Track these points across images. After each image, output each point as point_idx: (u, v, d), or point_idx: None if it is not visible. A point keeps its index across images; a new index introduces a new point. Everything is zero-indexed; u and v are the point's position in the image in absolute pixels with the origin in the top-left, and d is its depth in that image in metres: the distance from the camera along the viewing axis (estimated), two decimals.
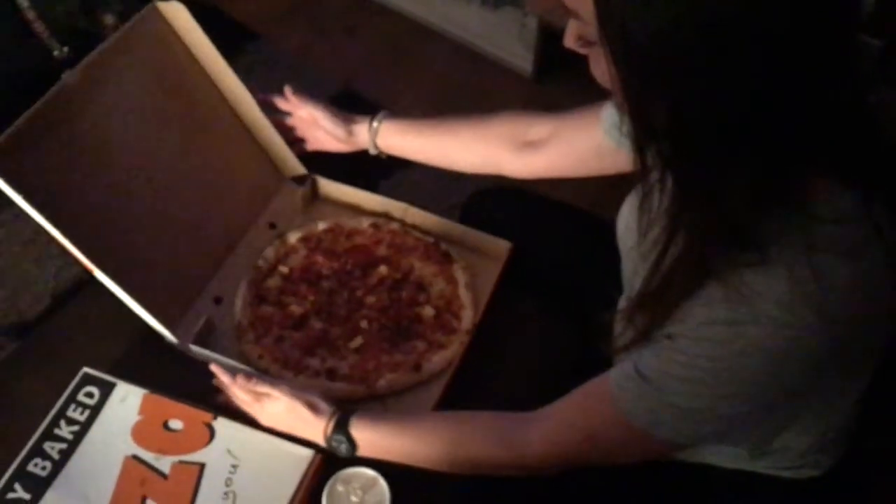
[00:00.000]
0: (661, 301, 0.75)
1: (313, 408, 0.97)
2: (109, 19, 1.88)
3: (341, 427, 0.96)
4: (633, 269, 0.89)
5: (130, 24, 1.15)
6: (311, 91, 2.27)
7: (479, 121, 1.19)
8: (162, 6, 1.17)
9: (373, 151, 1.22)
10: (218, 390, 1.04)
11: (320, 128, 1.23)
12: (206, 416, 1.03)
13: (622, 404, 0.82)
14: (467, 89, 2.46)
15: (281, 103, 1.25)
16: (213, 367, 1.03)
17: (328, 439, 0.97)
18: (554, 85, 2.41)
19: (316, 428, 0.97)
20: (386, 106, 2.30)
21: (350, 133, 1.22)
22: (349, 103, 2.33)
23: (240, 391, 1.00)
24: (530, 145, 1.14)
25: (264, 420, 1.01)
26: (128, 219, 1.12)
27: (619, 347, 0.82)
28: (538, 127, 1.14)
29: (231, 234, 1.23)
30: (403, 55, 2.55)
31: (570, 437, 0.89)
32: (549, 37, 2.32)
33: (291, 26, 2.59)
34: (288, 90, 1.24)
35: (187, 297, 1.16)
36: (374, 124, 1.21)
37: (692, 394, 0.76)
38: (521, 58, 2.46)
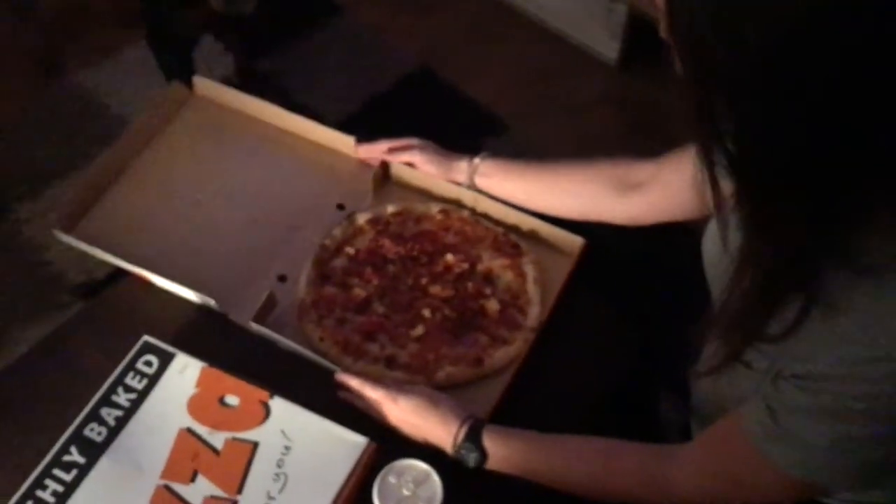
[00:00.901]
0: (751, 324, 0.71)
1: (446, 411, 0.95)
2: None
3: (473, 436, 0.94)
4: (721, 287, 0.85)
5: (163, 95, 1.32)
6: (387, 67, 2.26)
7: (580, 164, 1.16)
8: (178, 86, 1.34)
9: (471, 190, 1.20)
10: (340, 387, 1.02)
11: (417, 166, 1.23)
12: (263, 394, 1.02)
13: (762, 447, 0.78)
14: (546, 73, 2.40)
15: (382, 154, 1.24)
16: (341, 377, 1.01)
17: (457, 447, 0.95)
18: (638, 75, 2.34)
19: (446, 432, 0.95)
20: (462, 86, 2.31)
21: (448, 171, 1.21)
22: (424, 82, 2.34)
23: (373, 388, 0.98)
24: (632, 188, 1.10)
25: (393, 418, 0.99)
26: (184, 231, 1.20)
27: (709, 369, 0.78)
28: (639, 170, 1.10)
29: (298, 213, 1.22)
30: (481, 35, 2.50)
31: (714, 483, 0.86)
32: (638, 25, 2.25)
33: (370, 1, 2.56)
34: (384, 148, 1.23)
35: (250, 275, 1.15)
36: (475, 163, 1.19)
37: (836, 435, 0.73)
38: (605, 45, 2.39)
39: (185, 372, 1.05)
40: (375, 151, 1.25)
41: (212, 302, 1.10)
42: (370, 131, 2.18)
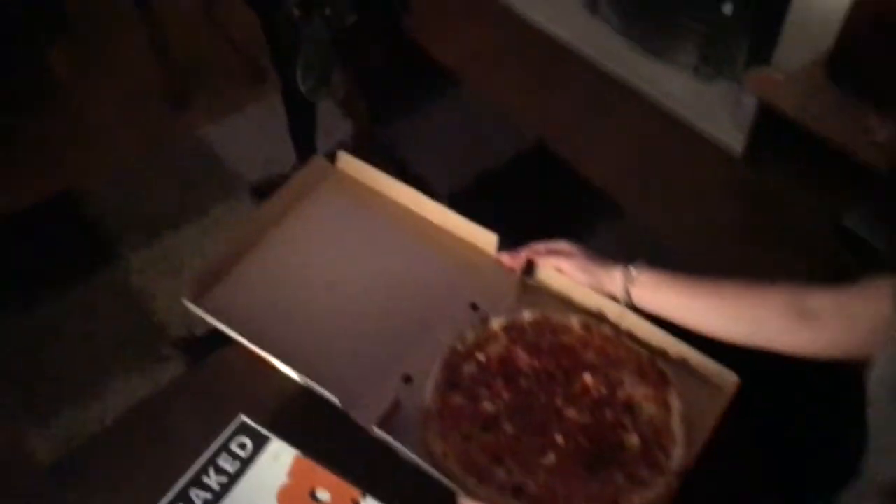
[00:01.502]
0: None
1: None
2: None
3: None
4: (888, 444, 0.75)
5: (304, 170, 1.30)
6: (504, 142, 2.22)
7: (749, 285, 1.06)
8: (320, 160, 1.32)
9: (624, 301, 1.11)
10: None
11: (573, 270, 1.15)
12: (355, 492, 0.98)
13: None
14: (667, 159, 2.33)
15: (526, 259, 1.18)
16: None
17: None
18: (764, 169, 2.24)
19: None
20: (578, 166, 2.25)
21: (600, 280, 1.12)
22: (540, 160, 2.29)
23: None
24: (808, 318, 1.00)
25: None
26: (312, 314, 1.16)
27: None
28: (818, 298, 1.00)
29: (430, 309, 1.16)
30: (601, 115, 2.45)
31: None
32: (766, 118, 2.16)
33: (492, 72, 2.54)
34: (536, 254, 1.17)
35: (375, 371, 1.10)
36: (631, 273, 1.10)
37: None
38: (730, 135, 2.31)
39: (279, 459, 1.02)
40: (519, 261, 1.19)
41: (335, 400, 1.05)
42: (484, 205, 2.17)
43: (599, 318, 1.13)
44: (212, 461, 1.00)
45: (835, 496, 0.81)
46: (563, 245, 1.16)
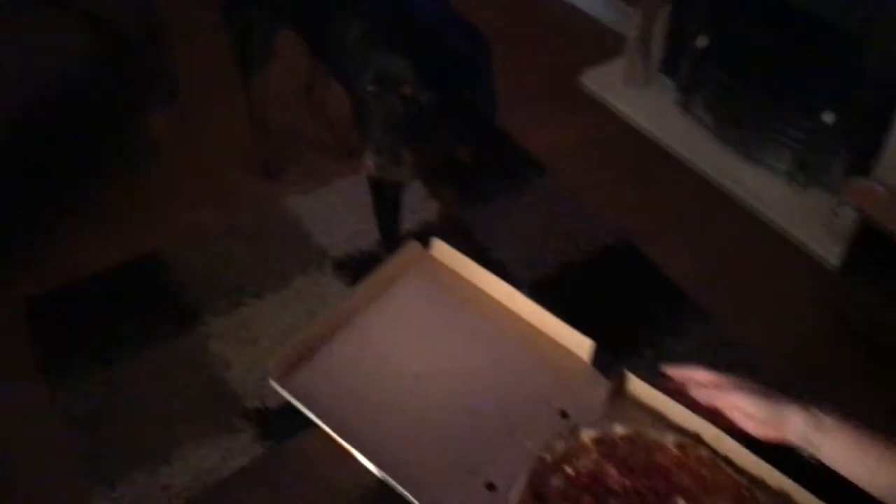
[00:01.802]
0: None
1: None
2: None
3: None
4: None
5: (397, 254, 1.29)
6: (588, 235, 2.18)
7: None
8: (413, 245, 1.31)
9: (805, 450, 0.98)
10: None
11: (737, 408, 1.04)
12: None
13: None
14: (755, 265, 2.26)
15: (693, 388, 1.10)
16: None
17: None
18: (861, 285, 2.15)
19: None
20: (664, 266, 2.20)
21: (777, 422, 0.99)
22: (624, 256, 2.25)
23: None
24: None
25: None
26: (396, 406, 1.13)
27: None
28: None
29: (517, 413, 1.12)
30: (691, 214, 2.40)
31: None
32: (866, 233, 2.08)
33: (581, 165, 2.53)
34: (690, 377, 1.10)
35: (457, 475, 1.06)
36: (817, 416, 0.96)
37: None
38: (824, 247, 2.23)
39: None
40: (681, 376, 1.12)
41: (415, 502, 1.01)
42: (564, 298, 2.12)
43: (695, 438, 1.08)
44: None
45: None
46: (728, 379, 1.07)
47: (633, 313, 2.13)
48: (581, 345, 1.19)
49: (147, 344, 1.99)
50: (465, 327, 1.23)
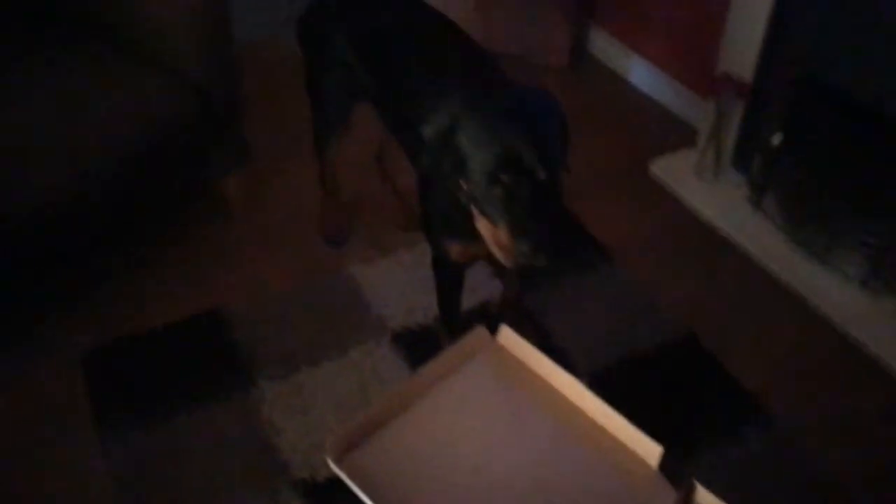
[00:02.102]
0: None
1: None
2: None
3: None
4: None
5: (464, 339, 1.29)
6: (651, 326, 2.13)
7: None
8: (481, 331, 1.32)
9: None
10: None
11: None
12: None
13: None
14: (823, 373, 2.18)
15: None
16: None
17: None
18: None
19: None
20: (728, 363, 2.14)
21: None
22: (687, 350, 2.20)
23: None
24: None
25: None
26: (453, 498, 1.12)
27: None
28: None
29: None
30: (758, 316, 2.34)
31: None
32: None
33: (648, 255, 2.49)
34: None
35: None
36: None
37: None
38: None
39: None
40: None
41: None
42: (623, 390, 2.07)
43: None
44: None
45: None
46: None
47: (693, 411, 2.07)
48: (649, 449, 1.15)
49: (200, 403, 1.99)
50: (529, 422, 1.20)
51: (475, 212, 1.48)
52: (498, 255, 1.47)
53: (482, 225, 1.48)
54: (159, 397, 2.01)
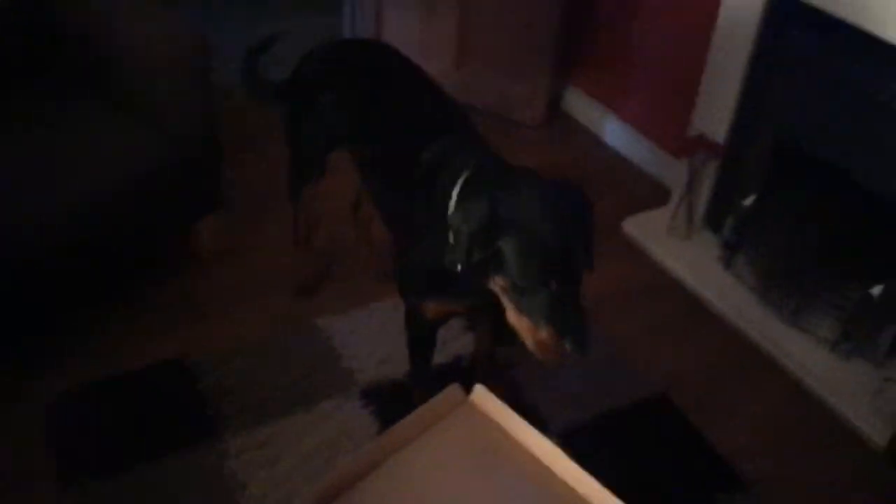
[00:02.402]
0: None
1: None
2: None
3: None
4: None
5: (437, 397, 1.26)
6: (625, 385, 2.10)
7: None
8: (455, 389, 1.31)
9: None
10: None
11: None
12: None
13: None
14: (797, 435, 2.17)
15: None
16: None
17: None
18: None
19: None
20: (698, 425, 2.12)
21: None
22: (661, 411, 2.18)
23: None
24: None
25: None
26: None
27: None
28: None
29: None
30: (730, 376, 2.33)
31: None
32: None
33: (621, 314, 2.49)
34: None
35: None
36: None
37: None
38: (870, 425, 2.14)
39: None
40: None
41: None
42: (596, 449, 2.04)
43: None
44: None
45: None
46: None
47: (664, 473, 2.04)
48: None
49: (163, 454, 1.93)
50: (502, 485, 1.17)
51: (508, 304, 1.45)
52: (533, 349, 1.43)
53: (516, 319, 1.44)
54: (122, 447, 1.95)
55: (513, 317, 1.45)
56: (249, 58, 2.26)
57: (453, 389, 1.28)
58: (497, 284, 1.45)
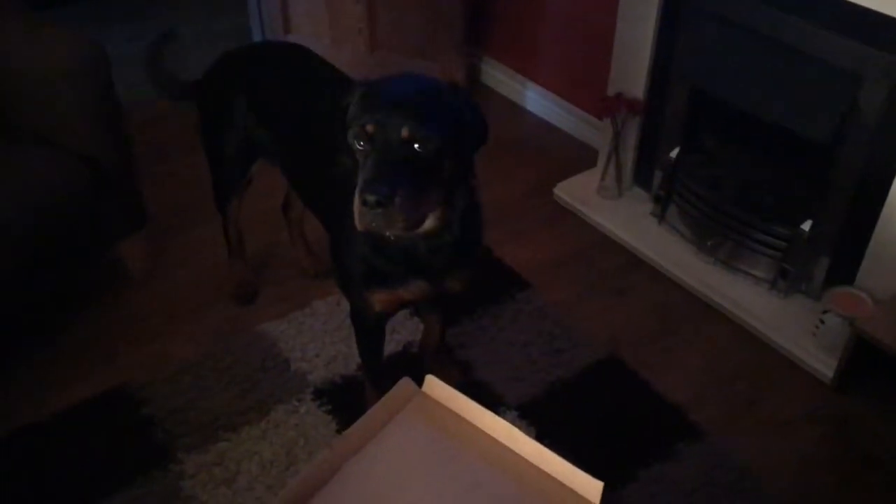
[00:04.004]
0: None
1: None
2: None
3: None
4: None
5: (390, 393, 1.25)
6: (574, 351, 2.11)
7: None
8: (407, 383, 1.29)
9: None
10: None
11: None
12: None
13: None
14: (748, 380, 2.21)
15: None
16: None
17: None
18: (858, 398, 2.11)
19: None
20: (653, 381, 2.15)
21: None
22: (612, 372, 2.20)
23: None
24: None
25: None
26: None
27: None
28: None
29: None
30: (675, 328, 2.37)
31: None
32: (858, 345, 2.05)
33: (561, 279, 2.50)
34: None
35: None
36: None
37: None
38: (816, 359, 2.20)
39: None
40: None
41: None
42: (554, 418, 2.05)
43: None
44: None
45: None
46: None
47: (623, 432, 2.06)
48: (588, 486, 1.12)
49: (114, 488, 1.86)
50: (464, 473, 1.16)
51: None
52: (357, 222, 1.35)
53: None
54: (71, 488, 1.88)
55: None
56: (151, 54, 2.19)
57: (405, 383, 1.26)
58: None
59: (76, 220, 2.13)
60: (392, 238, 1.51)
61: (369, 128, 1.35)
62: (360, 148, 1.38)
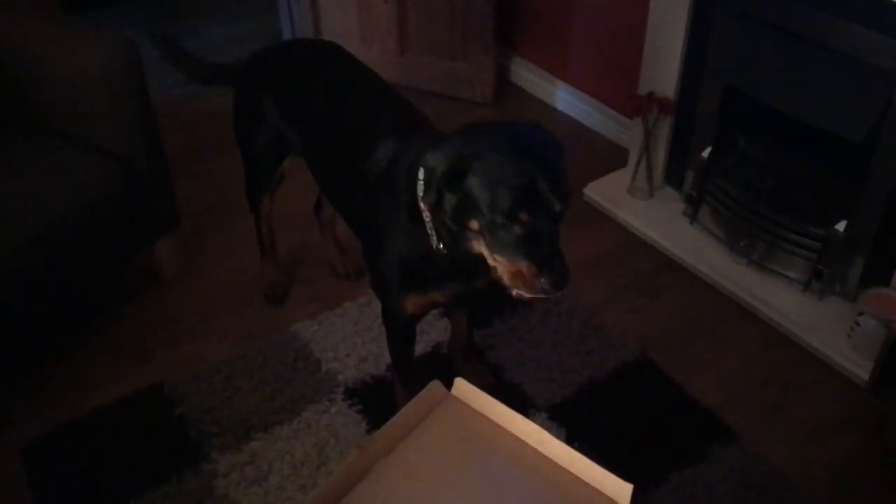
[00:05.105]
0: None
1: None
2: None
3: None
4: None
5: (419, 396, 1.25)
6: (605, 352, 2.10)
7: None
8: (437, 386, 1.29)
9: None
10: None
11: None
12: None
13: None
14: (782, 383, 2.18)
15: None
16: None
17: None
18: (893, 401, 2.08)
19: None
20: (685, 383, 2.13)
21: None
22: (644, 374, 2.18)
23: None
24: None
25: None
26: None
27: None
28: None
29: None
30: (707, 329, 2.35)
31: None
32: (895, 345, 2.02)
33: (591, 280, 2.49)
34: None
35: None
36: None
37: None
38: (852, 361, 2.17)
39: None
40: None
41: None
42: (584, 420, 2.05)
43: None
44: None
45: None
46: None
47: (654, 434, 2.05)
48: (619, 489, 1.12)
49: (148, 486, 1.89)
50: (493, 475, 1.16)
51: (486, 249, 1.43)
52: (511, 283, 1.42)
53: (492, 257, 1.43)
54: (105, 485, 1.91)
55: (489, 256, 1.43)
56: (170, 51, 2.23)
57: (434, 386, 1.26)
58: (472, 230, 1.43)
59: (111, 221, 2.16)
60: (445, 252, 1.53)
61: (523, 217, 1.37)
62: (491, 221, 1.39)
